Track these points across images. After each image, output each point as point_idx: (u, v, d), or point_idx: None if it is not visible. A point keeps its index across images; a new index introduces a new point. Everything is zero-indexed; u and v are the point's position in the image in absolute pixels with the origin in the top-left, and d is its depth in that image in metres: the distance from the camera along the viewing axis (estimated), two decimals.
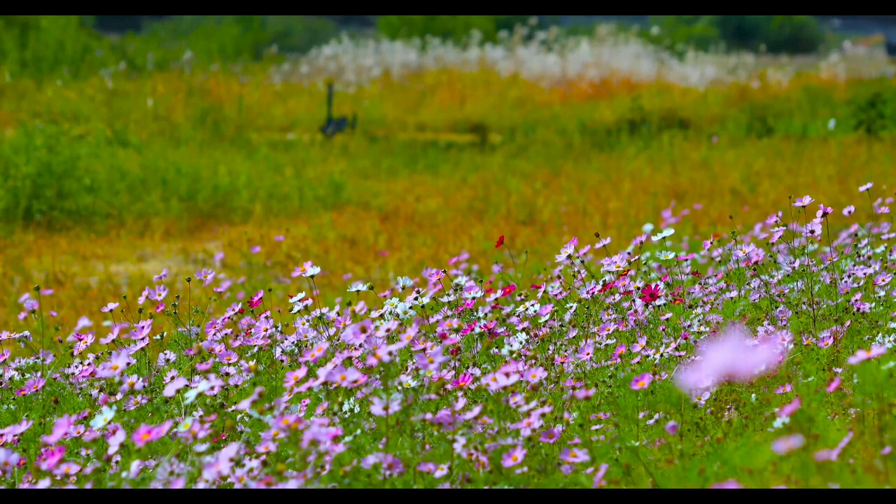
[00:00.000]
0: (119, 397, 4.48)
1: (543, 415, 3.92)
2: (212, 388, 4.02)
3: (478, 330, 4.97)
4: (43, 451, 4.21)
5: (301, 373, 3.98)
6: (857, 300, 5.28)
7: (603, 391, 4.66)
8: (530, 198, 16.00)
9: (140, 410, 4.50)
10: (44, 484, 3.71)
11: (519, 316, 5.28)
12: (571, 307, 5.39)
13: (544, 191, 16.62)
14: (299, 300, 5.11)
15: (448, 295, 5.25)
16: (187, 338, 5.19)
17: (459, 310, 5.15)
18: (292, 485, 3.60)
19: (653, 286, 5.31)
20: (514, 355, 4.82)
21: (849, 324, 5.18)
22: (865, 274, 5.57)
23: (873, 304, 5.32)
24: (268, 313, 5.20)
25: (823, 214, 5.39)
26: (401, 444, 3.87)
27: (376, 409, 3.82)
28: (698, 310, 5.46)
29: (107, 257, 13.39)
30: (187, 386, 4.56)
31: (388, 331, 4.22)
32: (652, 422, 4.44)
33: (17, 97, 23.75)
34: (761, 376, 4.49)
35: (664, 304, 5.30)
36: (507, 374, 3.89)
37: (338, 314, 5.21)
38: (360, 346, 4.41)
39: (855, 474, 3.38)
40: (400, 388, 3.96)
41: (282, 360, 5.08)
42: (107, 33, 32.20)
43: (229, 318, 5.27)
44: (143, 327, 4.91)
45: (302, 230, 14.44)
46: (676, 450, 4.18)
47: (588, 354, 4.87)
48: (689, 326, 5.25)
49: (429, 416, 3.90)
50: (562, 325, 5.29)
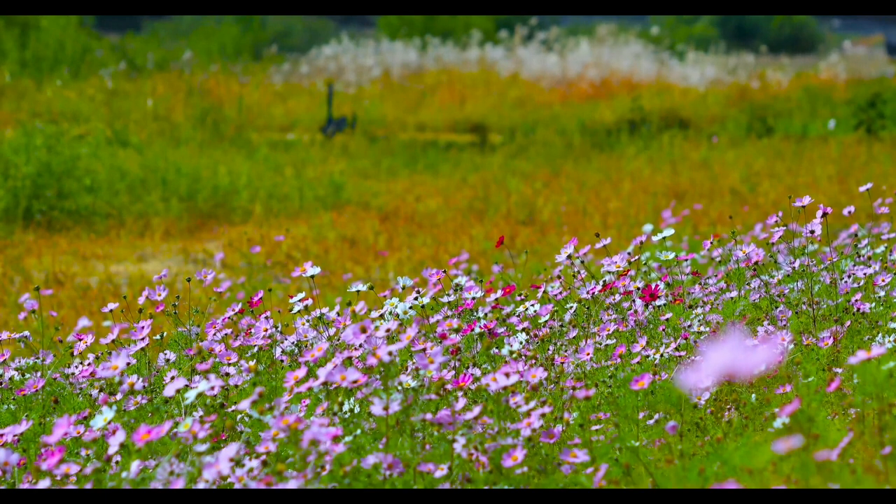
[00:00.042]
0: (119, 397, 4.48)
1: (543, 415, 3.92)
2: (212, 388, 4.01)
3: (478, 330, 4.97)
4: (43, 451, 4.21)
5: (301, 373, 3.98)
6: (857, 300, 5.28)
7: (603, 391, 4.66)
8: (530, 198, 16.00)
9: (140, 410, 4.50)
10: (44, 484, 3.71)
11: (519, 316, 5.28)
12: (571, 307, 5.39)
13: (544, 191, 16.62)
14: (299, 300, 5.11)
15: (448, 295, 5.24)
16: (187, 338, 5.19)
17: (459, 310, 5.15)
18: (292, 485, 3.60)
19: (653, 286, 5.31)
20: (514, 355, 4.81)
21: (849, 324, 5.18)
22: (865, 274, 5.57)
23: (873, 305, 5.32)
24: (268, 313, 5.20)
25: (823, 214, 5.39)
26: (401, 444, 3.86)
27: (376, 409, 3.82)
28: (698, 310, 5.46)
29: (107, 257, 13.39)
30: (187, 386, 4.56)
31: (388, 331, 4.22)
32: (652, 422, 4.44)
33: (17, 97, 23.74)
34: (761, 376, 4.49)
35: (664, 305, 5.30)
36: (507, 375, 3.89)
37: (338, 314, 5.21)
38: (360, 346, 4.41)
39: (855, 474, 3.38)
40: (400, 388, 3.96)
41: (282, 360, 5.07)
42: (107, 33, 32.19)
43: (229, 318, 5.27)
44: (143, 327, 4.91)
45: (302, 230, 14.44)
46: (676, 450, 4.18)
47: (588, 354, 4.87)
48: (689, 326, 5.25)
49: (429, 416, 3.90)
50: (562, 326, 5.29)
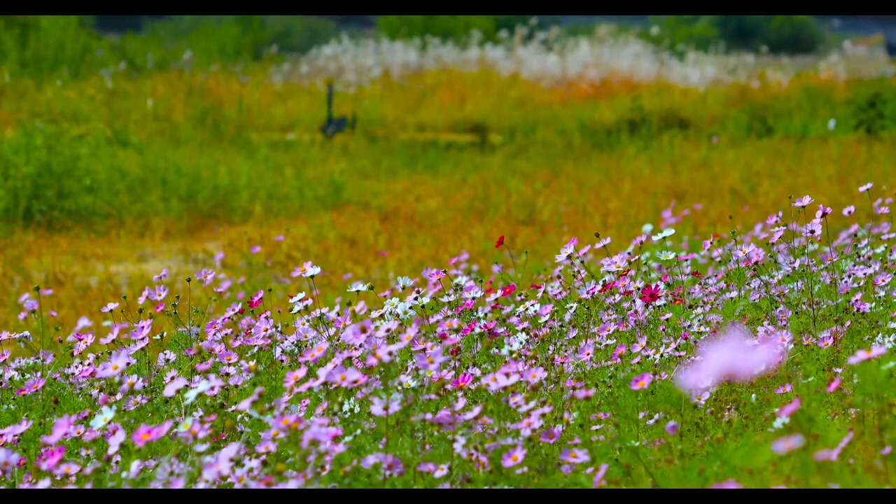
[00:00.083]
0: (119, 397, 4.48)
1: (543, 415, 3.91)
2: (212, 388, 4.01)
3: (478, 330, 4.97)
4: (43, 452, 4.21)
5: (301, 373, 3.98)
6: (857, 300, 5.28)
7: (603, 391, 4.66)
8: (530, 198, 16.00)
9: (140, 410, 4.50)
10: (44, 484, 3.71)
11: (519, 316, 5.28)
12: (571, 307, 5.39)
13: (544, 191, 16.61)
14: (299, 300, 5.11)
15: (448, 295, 5.24)
16: (187, 338, 5.19)
17: (459, 310, 5.15)
18: (292, 485, 3.60)
19: (653, 286, 5.30)
20: (514, 355, 4.81)
21: (849, 324, 5.18)
22: (865, 274, 5.57)
23: (873, 305, 5.32)
24: (268, 313, 5.20)
25: (823, 214, 5.39)
26: (401, 444, 3.86)
27: (376, 409, 3.82)
28: (698, 310, 5.46)
29: (107, 257, 13.39)
30: (187, 386, 4.56)
31: (388, 331, 4.22)
32: (652, 422, 4.44)
33: (17, 97, 23.75)
34: (761, 376, 4.49)
35: (664, 305, 5.30)
36: (507, 375, 3.89)
37: (338, 314, 5.21)
38: (360, 346, 4.41)
39: (855, 474, 3.38)
40: (400, 388, 3.96)
41: (282, 360, 5.07)
42: (107, 33, 32.19)
43: (229, 318, 5.27)
44: (142, 327, 4.91)
45: (302, 230, 14.44)
46: (676, 450, 4.18)
47: (588, 355, 4.87)
48: (689, 326, 5.25)
49: (429, 416, 3.90)
50: (562, 326, 5.29)
